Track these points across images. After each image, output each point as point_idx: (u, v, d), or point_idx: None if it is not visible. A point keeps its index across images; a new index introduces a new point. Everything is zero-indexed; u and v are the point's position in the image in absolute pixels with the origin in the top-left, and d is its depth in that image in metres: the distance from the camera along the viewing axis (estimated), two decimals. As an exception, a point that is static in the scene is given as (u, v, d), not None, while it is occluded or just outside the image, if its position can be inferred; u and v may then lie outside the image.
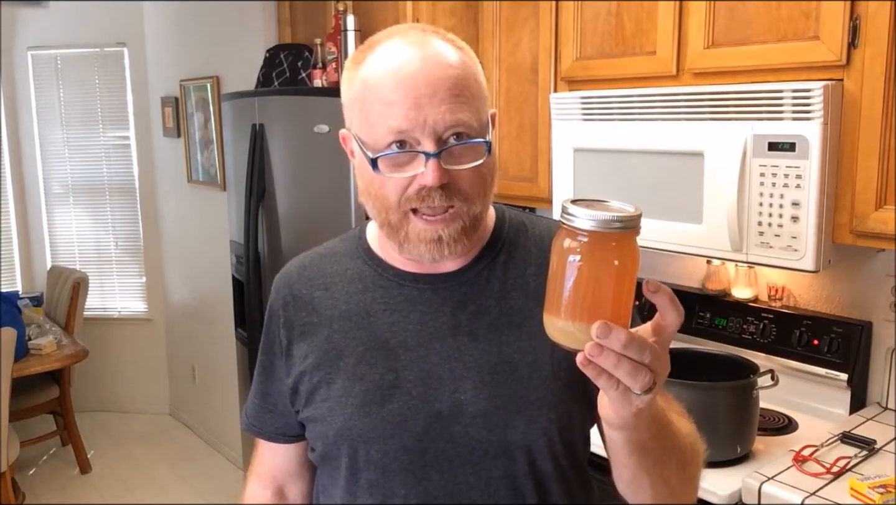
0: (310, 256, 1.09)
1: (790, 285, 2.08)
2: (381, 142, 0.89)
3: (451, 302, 0.99)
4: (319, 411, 1.00)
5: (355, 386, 0.97)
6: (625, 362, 0.70)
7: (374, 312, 1.00)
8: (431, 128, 0.87)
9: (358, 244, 1.06)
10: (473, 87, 0.92)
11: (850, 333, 1.89)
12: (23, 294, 4.51)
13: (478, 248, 1.01)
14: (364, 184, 0.95)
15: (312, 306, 1.03)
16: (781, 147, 1.64)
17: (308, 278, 1.05)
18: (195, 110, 3.99)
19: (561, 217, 0.72)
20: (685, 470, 0.94)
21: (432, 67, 0.89)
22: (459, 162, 0.90)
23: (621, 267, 0.70)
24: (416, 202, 0.90)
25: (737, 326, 2.10)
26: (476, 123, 0.91)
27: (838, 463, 1.61)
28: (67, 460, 4.12)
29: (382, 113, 0.89)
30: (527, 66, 2.31)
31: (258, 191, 2.83)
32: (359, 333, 0.99)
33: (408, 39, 0.92)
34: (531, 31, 2.28)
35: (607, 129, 2.00)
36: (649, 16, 1.94)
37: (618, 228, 0.69)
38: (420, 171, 0.88)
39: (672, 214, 1.87)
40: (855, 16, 1.56)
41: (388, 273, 1.01)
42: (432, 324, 0.98)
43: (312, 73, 2.93)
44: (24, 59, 4.59)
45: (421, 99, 0.87)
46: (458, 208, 0.91)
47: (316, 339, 1.01)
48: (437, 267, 0.99)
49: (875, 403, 1.93)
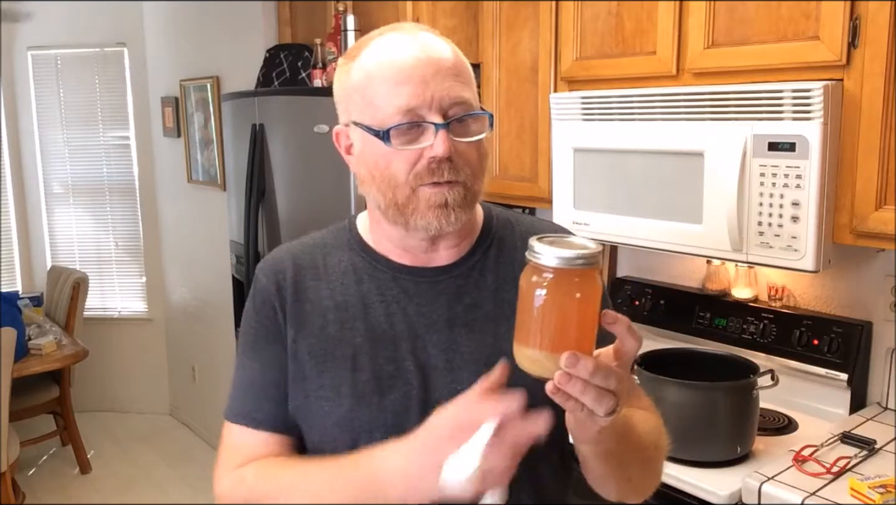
0: (297, 246, 1.08)
1: (790, 285, 2.08)
2: (388, 122, 0.92)
3: (446, 294, 1.00)
4: (314, 401, 0.99)
5: (354, 376, 0.97)
6: (591, 389, 0.76)
7: (371, 304, 1.00)
8: (438, 103, 0.91)
9: (350, 236, 1.06)
10: (468, 73, 0.98)
11: (850, 333, 1.89)
12: (23, 294, 4.51)
13: (469, 242, 1.04)
14: (368, 169, 0.96)
15: (305, 295, 1.02)
16: (781, 147, 1.64)
17: (300, 267, 1.04)
18: (195, 110, 3.99)
19: (527, 254, 0.78)
20: (647, 468, 1.00)
21: (431, 51, 0.94)
22: (465, 135, 0.94)
23: (583, 299, 0.76)
24: (426, 176, 0.92)
25: (737, 326, 2.10)
26: (475, 103, 0.96)
27: (838, 463, 1.61)
28: (67, 460, 4.12)
29: (388, 93, 0.92)
30: (527, 66, 2.31)
31: (258, 191, 2.83)
32: (355, 323, 0.99)
33: (401, 31, 0.97)
34: (531, 31, 2.28)
35: (607, 129, 2.00)
36: (649, 16, 1.94)
37: (580, 265, 0.75)
38: (429, 143, 0.92)
39: (672, 214, 1.87)
40: (855, 16, 1.56)
41: (383, 265, 1.02)
42: (429, 315, 0.99)
43: (312, 73, 2.93)
44: (24, 59, 4.59)
45: (426, 76, 0.91)
46: (462, 180, 0.94)
47: (310, 328, 1.01)
48: (432, 260, 1.02)
49: (875, 403, 1.93)
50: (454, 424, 0.82)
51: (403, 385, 0.97)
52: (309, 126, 2.50)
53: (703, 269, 2.24)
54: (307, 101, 2.58)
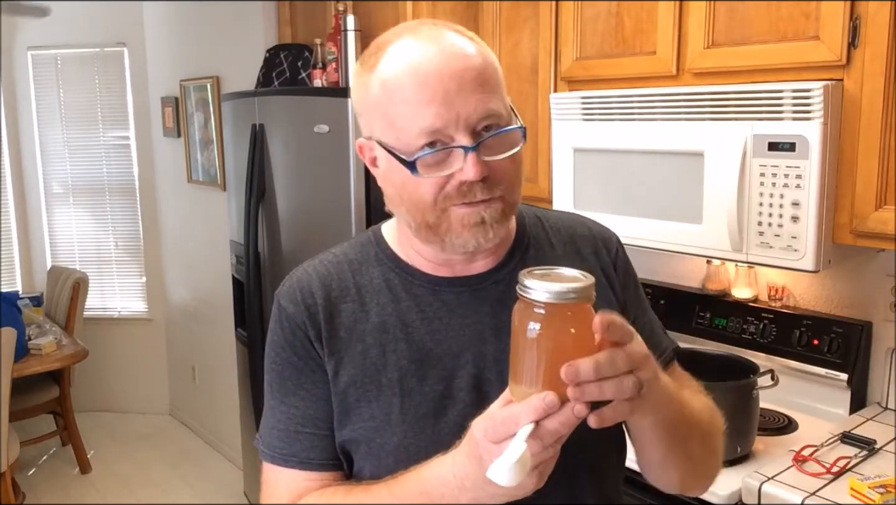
0: (324, 265, 1.00)
1: (790, 285, 2.08)
2: (414, 144, 0.85)
3: (489, 302, 0.95)
4: (363, 432, 0.93)
5: (405, 402, 0.92)
6: (607, 384, 0.72)
7: (412, 322, 0.94)
8: (465, 122, 0.84)
9: (378, 250, 0.99)
10: (495, 76, 0.89)
11: (850, 333, 1.89)
12: (23, 294, 4.51)
13: (506, 245, 0.99)
14: (395, 189, 0.90)
15: (339, 320, 0.95)
16: (781, 147, 1.64)
17: (329, 288, 0.97)
18: (195, 110, 3.99)
19: (518, 289, 0.75)
20: (707, 443, 0.96)
21: (453, 60, 0.85)
22: (497, 152, 0.87)
23: (578, 334, 0.73)
24: (457, 199, 0.87)
25: (737, 326, 2.10)
26: (504, 112, 0.88)
27: (838, 463, 1.61)
28: (67, 460, 4.12)
29: (410, 115, 0.85)
30: (527, 66, 2.31)
31: (258, 191, 2.83)
32: (398, 345, 0.93)
33: (420, 35, 0.89)
34: (531, 31, 2.28)
35: (607, 129, 2.00)
36: (649, 16, 1.94)
37: (572, 300, 0.73)
38: (458, 167, 0.85)
39: (672, 214, 1.87)
40: (855, 16, 1.56)
41: (420, 279, 0.96)
42: (475, 327, 0.94)
43: (312, 73, 2.93)
44: (24, 59, 4.59)
45: (449, 94, 0.84)
46: (498, 197, 0.88)
47: (349, 354, 0.94)
48: (470, 269, 0.96)
49: (875, 403, 1.93)
50: (492, 429, 0.76)
51: (457, 404, 0.91)
52: (309, 126, 2.51)
53: (703, 269, 2.24)
54: (307, 101, 2.58)
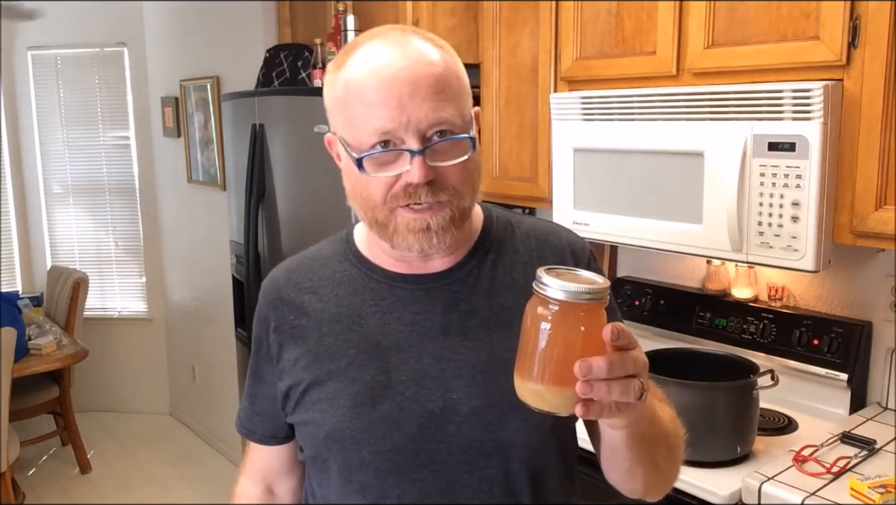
0: (297, 260, 1.09)
1: (790, 285, 2.08)
2: (366, 142, 0.90)
3: (441, 301, 0.99)
4: (310, 414, 1.00)
5: (347, 388, 0.97)
6: (615, 384, 0.74)
7: (365, 315, 1.00)
8: (415, 126, 0.87)
9: (346, 247, 1.06)
10: (455, 85, 0.92)
11: (850, 333, 1.89)
12: (23, 294, 4.52)
13: (466, 247, 1.02)
14: (350, 185, 0.96)
15: (302, 310, 1.03)
16: (781, 147, 1.64)
17: (296, 282, 1.05)
18: (195, 110, 3.99)
19: (534, 285, 0.77)
20: (671, 454, 0.99)
21: (413, 66, 0.88)
22: (445, 158, 0.90)
23: (587, 333, 0.75)
24: (403, 199, 0.90)
25: (737, 326, 2.10)
26: (459, 120, 0.91)
27: (838, 463, 1.61)
28: (67, 460, 4.12)
29: (365, 114, 0.89)
30: (527, 66, 2.31)
31: (258, 191, 2.83)
32: (350, 335, 0.99)
33: (388, 40, 0.92)
34: (531, 31, 2.28)
35: (607, 129, 2.00)
36: (649, 16, 1.94)
37: (586, 300, 0.75)
38: (406, 168, 0.89)
39: (672, 214, 1.87)
40: (855, 16, 1.56)
41: (378, 275, 1.01)
42: (424, 324, 0.98)
43: (312, 73, 2.93)
44: (24, 59, 4.59)
45: (403, 98, 0.87)
46: (445, 201, 0.91)
47: (306, 342, 1.01)
48: (427, 267, 1.00)
49: (875, 403, 1.93)
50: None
51: (395, 395, 0.96)
52: (309, 126, 2.50)
53: (703, 269, 2.24)
54: (307, 101, 2.58)
